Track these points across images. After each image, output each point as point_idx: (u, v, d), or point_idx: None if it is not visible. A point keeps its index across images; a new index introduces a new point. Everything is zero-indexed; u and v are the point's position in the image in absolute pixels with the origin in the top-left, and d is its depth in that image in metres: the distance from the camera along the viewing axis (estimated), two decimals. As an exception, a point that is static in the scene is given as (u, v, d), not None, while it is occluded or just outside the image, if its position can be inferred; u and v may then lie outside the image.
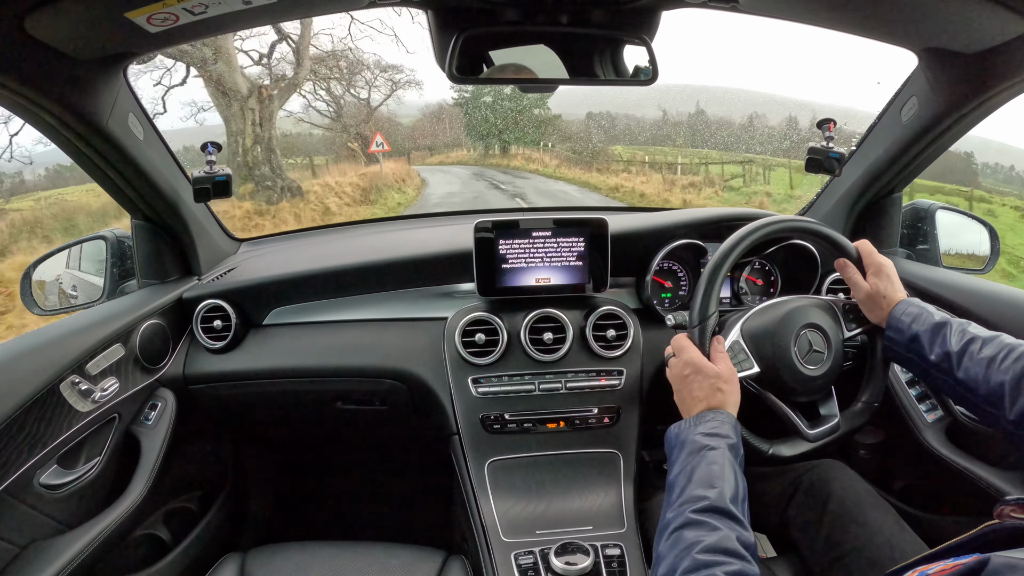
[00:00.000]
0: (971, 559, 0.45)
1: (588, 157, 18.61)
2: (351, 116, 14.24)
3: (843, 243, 0.94)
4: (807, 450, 0.89)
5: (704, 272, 0.86)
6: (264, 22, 0.90)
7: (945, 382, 0.79)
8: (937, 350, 0.79)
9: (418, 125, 23.59)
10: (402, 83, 13.80)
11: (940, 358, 0.78)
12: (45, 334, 0.95)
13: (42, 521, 0.90)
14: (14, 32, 0.68)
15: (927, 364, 0.80)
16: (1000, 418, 0.71)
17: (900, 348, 0.84)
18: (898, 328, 0.84)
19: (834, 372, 0.90)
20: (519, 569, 0.92)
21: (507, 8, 0.89)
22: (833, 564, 0.91)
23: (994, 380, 0.72)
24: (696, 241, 1.22)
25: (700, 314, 0.84)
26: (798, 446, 0.89)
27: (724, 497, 0.62)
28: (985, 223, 1.35)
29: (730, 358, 0.84)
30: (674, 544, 0.60)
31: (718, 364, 0.79)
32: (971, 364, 0.75)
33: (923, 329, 0.81)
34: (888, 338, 0.86)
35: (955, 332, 0.79)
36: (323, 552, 0.96)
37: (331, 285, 1.24)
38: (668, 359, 0.85)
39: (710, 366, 0.78)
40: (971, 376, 0.75)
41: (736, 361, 0.86)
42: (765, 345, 0.88)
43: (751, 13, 0.96)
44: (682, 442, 0.72)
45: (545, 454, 1.09)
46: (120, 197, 1.11)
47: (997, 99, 0.96)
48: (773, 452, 0.88)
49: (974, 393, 0.75)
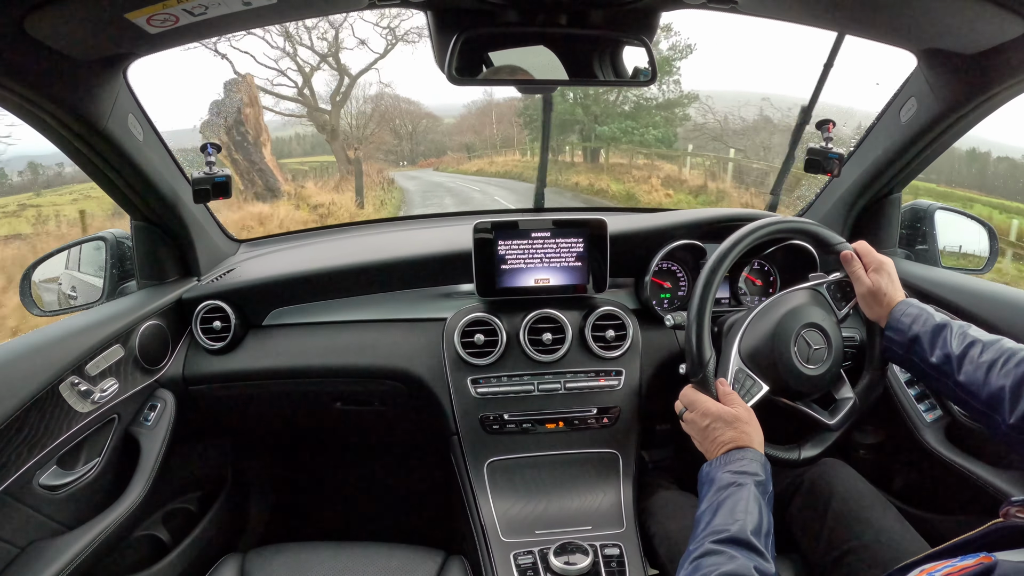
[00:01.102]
0: (976, 560, 0.45)
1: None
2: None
3: (839, 243, 0.95)
4: (833, 441, 0.90)
5: (691, 308, 0.87)
6: (264, 23, 0.90)
7: (945, 384, 0.79)
8: (938, 352, 0.79)
9: (460, 123, 20.86)
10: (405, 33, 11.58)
11: (941, 360, 0.78)
12: (45, 335, 0.95)
13: (42, 522, 0.90)
14: (14, 32, 0.68)
15: (927, 366, 0.81)
16: (1000, 422, 0.72)
17: (899, 348, 0.84)
18: (898, 328, 0.84)
19: (837, 365, 0.91)
20: (518, 569, 0.92)
21: (507, 9, 0.89)
22: (834, 563, 0.91)
23: (995, 384, 0.72)
24: (695, 242, 1.22)
25: (698, 362, 0.85)
26: (825, 439, 0.90)
27: (746, 530, 0.63)
28: (984, 223, 1.35)
29: (737, 386, 0.86)
30: (692, 572, 0.61)
31: (733, 406, 0.79)
32: (972, 368, 0.75)
33: (924, 331, 0.81)
34: (887, 338, 0.86)
35: (956, 335, 0.79)
36: (323, 552, 0.96)
37: (330, 286, 1.24)
38: (681, 414, 0.85)
39: (727, 410, 0.79)
40: (972, 379, 0.75)
41: (744, 389, 0.87)
42: (766, 360, 0.88)
43: (750, 14, 0.96)
44: (711, 480, 0.72)
45: (544, 454, 1.09)
46: (119, 198, 1.11)
47: (996, 100, 0.96)
48: (804, 456, 0.89)
49: (974, 397, 0.75)
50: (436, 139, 20.34)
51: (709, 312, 0.86)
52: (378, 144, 15.95)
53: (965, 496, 1.05)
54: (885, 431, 1.24)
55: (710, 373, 0.85)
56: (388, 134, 16.89)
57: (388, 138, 16.98)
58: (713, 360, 0.86)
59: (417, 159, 19.42)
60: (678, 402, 0.86)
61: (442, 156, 20.04)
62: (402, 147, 18.65)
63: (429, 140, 20.15)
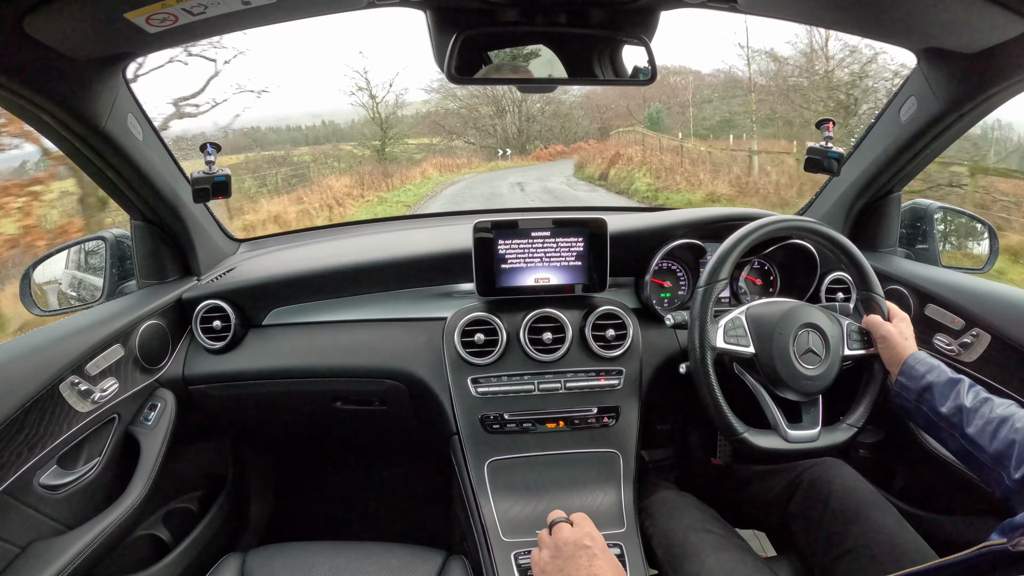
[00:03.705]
0: None
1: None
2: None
3: (846, 244, 0.95)
4: (779, 449, 0.90)
5: (708, 268, 0.92)
6: (264, 23, 0.90)
7: (951, 436, 0.79)
8: (950, 403, 0.79)
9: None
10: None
11: (952, 411, 0.79)
12: (45, 334, 0.95)
13: (42, 521, 0.90)
14: (13, 32, 0.68)
15: (936, 416, 0.81)
16: (1003, 478, 0.72)
17: (910, 395, 0.84)
18: (912, 375, 0.84)
19: (826, 379, 0.92)
20: (519, 569, 0.92)
21: (506, 8, 0.89)
22: (834, 563, 0.91)
23: (1005, 439, 0.73)
24: (695, 241, 1.22)
25: (701, 351, 0.90)
26: (772, 441, 0.91)
27: None
28: (985, 222, 1.35)
29: (727, 331, 0.90)
30: None
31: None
32: (983, 422, 0.76)
33: (937, 381, 0.82)
34: (899, 384, 0.86)
35: (970, 390, 0.80)
36: (323, 552, 0.96)
37: (330, 285, 1.24)
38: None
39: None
40: (981, 433, 0.75)
41: (733, 336, 0.90)
42: (765, 331, 0.91)
43: (750, 13, 0.96)
44: None
45: (545, 454, 1.09)
46: (119, 197, 1.11)
47: (996, 99, 0.96)
48: (746, 436, 0.90)
49: (981, 450, 0.75)
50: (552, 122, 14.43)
51: (717, 289, 0.91)
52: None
53: (965, 496, 1.05)
54: (886, 431, 1.24)
55: (710, 363, 0.86)
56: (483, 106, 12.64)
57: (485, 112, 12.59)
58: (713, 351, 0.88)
59: (529, 148, 15.10)
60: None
61: (573, 145, 14.76)
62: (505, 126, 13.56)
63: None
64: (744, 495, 1.18)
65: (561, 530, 0.74)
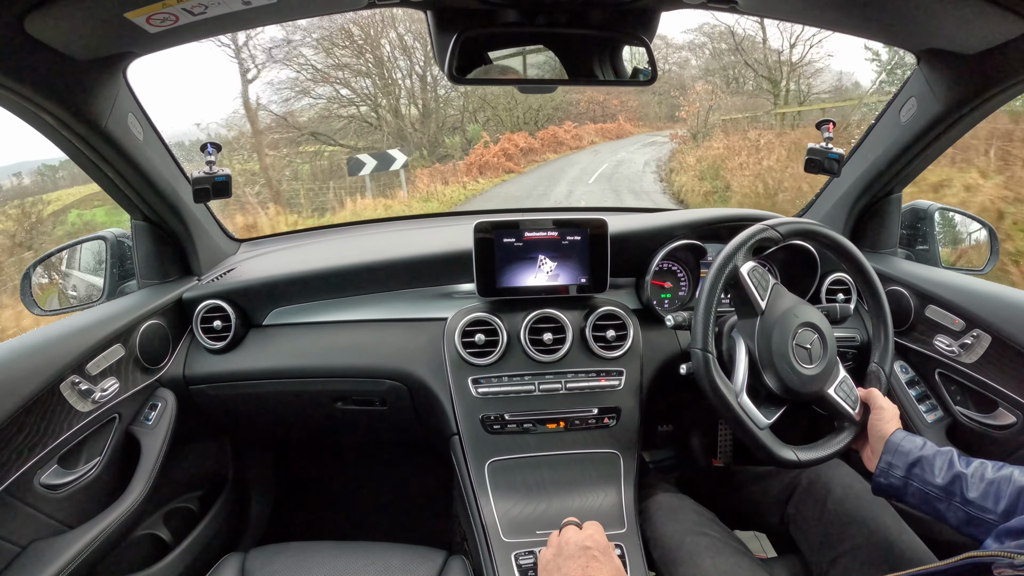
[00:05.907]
0: None
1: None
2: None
3: (846, 245, 0.95)
4: (778, 456, 0.88)
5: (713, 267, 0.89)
6: (264, 22, 0.90)
7: (950, 506, 0.75)
8: (945, 473, 0.76)
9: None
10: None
11: (948, 480, 0.76)
12: (45, 334, 0.95)
13: (42, 521, 0.90)
14: (14, 32, 0.68)
15: (931, 488, 0.77)
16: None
17: (898, 471, 0.80)
18: (898, 451, 0.81)
19: (827, 375, 0.91)
20: (519, 569, 0.92)
21: (507, 9, 0.89)
22: (833, 563, 0.91)
23: (1011, 491, 0.70)
24: (695, 242, 1.22)
25: (702, 342, 0.87)
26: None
27: None
28: (985, 223, 1.35)
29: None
30: None
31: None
32: (984, 484, 0.73)
33: (926, 454, 0.79)
34: (885, 462, 0.81)
35: (962, 458, 0.77)
36: (323, 552, 0.96)
37: (331, 285, 1.24)
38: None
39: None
40: (985, 495, 0.72)
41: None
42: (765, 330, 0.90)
43: (750, 13, 0.96)
44: None
45: (545, 454, 1.09)
46: (120, 197, 1.11)
47: (996, 100, 0.96)
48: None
49: (989, 510, 0.71)
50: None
51: (720, 289, 0.89)
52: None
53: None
54: None
55: (711, 357, 0.86)
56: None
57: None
58: (713, 347, 0.88)
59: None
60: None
61: (563, 124, 13.03)
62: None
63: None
64: (744, 496, 1.18)
65: (567, 531, 0.77)
